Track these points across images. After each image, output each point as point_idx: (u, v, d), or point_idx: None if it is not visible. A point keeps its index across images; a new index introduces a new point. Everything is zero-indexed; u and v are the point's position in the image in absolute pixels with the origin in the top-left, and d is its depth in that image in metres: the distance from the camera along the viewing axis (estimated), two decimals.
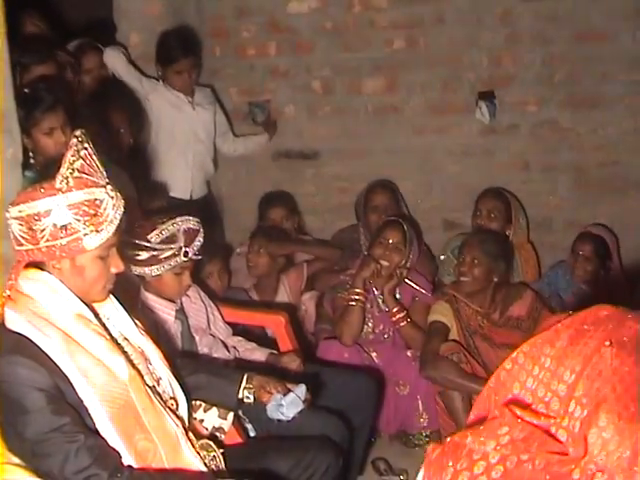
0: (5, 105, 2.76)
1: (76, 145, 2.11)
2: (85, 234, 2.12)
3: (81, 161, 2.11)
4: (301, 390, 2.70)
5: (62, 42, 4.49)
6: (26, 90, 3.31)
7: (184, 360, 2.68)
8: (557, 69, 5.11)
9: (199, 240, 3.17)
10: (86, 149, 2.13)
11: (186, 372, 2.58)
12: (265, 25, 5.45)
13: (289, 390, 2.70)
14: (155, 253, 3.09)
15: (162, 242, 3.09)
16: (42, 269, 2.19)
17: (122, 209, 2.20)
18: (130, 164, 3.89)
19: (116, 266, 2.25)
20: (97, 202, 2.13)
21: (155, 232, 3.08)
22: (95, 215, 2.12)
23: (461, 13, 5.08)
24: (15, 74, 2.89)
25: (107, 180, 2.18)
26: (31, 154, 3.24)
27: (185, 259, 3.13)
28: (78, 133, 2.14)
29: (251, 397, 2.70)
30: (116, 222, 2.17)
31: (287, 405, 2.66)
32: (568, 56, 5.06)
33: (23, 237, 2.12)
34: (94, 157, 2.16)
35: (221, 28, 5.54)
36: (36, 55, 3.75)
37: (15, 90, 2.83)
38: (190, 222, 3.16)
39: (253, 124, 5.49)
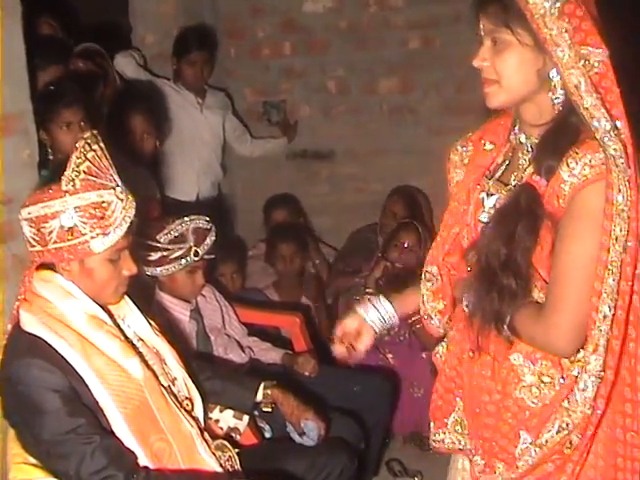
0: (22, 106, 2.77)
1: (83, 147, 2.09)
2: (92, 237, 2.10)
3: (88, 163, 2.09)
4: (314, 431, 2.74)
5: (78, 44, 4.50)
6: (52, 87, 3.33)
7: (200, 364, 2.68)
8: None
9: (210, 239, 3.17)
10: (95, 151, 2.11)
11: (202, 377, 2.58)
12: (280, 25, 5.45)
13: (305, 418, 2.73)
14: (165, 253, 3.10)
15: (171, 242, 3.10)
16: (55, 271, 2.19)
17: (132, 211, 2.17)
18: (156, 166, 3.89)
19: (128, 269, 2.23)
20: (104, 205, 2.10)
21: (164, 232, 3.09)
22: (102, 218, 2.10)
23: None
24: (32, 75, 2.89)
25: (117, 182, 2.16)
26: (49, 151, 3.25)
27: (196, 258, 3.13)
28: (87, 135, 2.13)
29: (270, 408, 2.73)
30: (125, 225, 2.14)
31: (304, 440, 2.75)
32: None
33: (33, 239, 2.13)
34: (103, 159, 2.14)
35: (236, 28, 5.55)
36: (52, 57, 3.76)
37: (32, 91, 2.84)
38: (199, 221, 3.16)
39: (269, 124, 5.49)
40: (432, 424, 2.19)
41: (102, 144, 2.15)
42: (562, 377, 1.88)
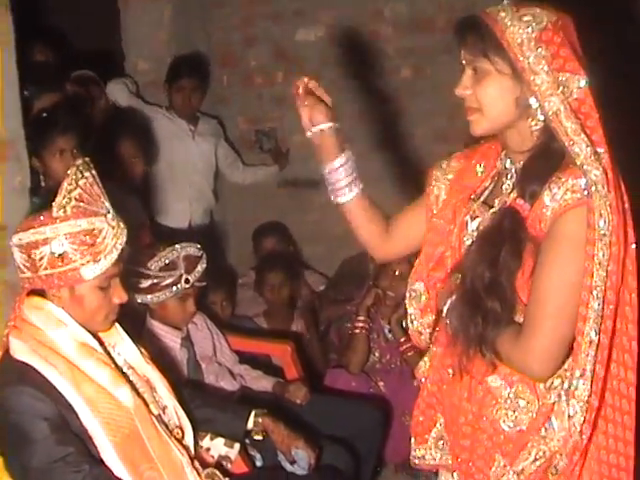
0: (14, 133, 2.78)
1: (75, 174, 2.09)
2: (82, 264, 2.09)
3: (79, 190, 2.09)
4: (305, 460, 2.73)
5: (71, 71, 4.53)
6: (45, 114, 3.34)
7: (191, 392, 2.67)
8: None
9: (201, 267, 3.16)
10: (86, 178, 2.11)
11: (192, 405, 2.57)
12: (272, 53, 5.49)
13: (296, 447, 2.73)
14: (156, 281, 3.09)
15: (162, 269, 3.09)
16: (46, 297, 2.18)
17: (124, 239, 2.16)
18: (144, 191, 3.90)
19: (119, 297, 2.22)
20: (95, 232, 2.10)
21: (155, 259, 3.09)
22: (93, 245, 2.09)
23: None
24: (25, 102, 2.90)
25: (109, 209, 2.16)
26: (41, 178, 3.25)
27: (187, 286, 3.13)
28: (79, 162, 2.13)
29: (261, 436, 2.72)
30: (116, 252, 2.13)
31: (295, 469, 2.74)
32: None
33: (24, 265, 2.12)
34: (95, 186, 2.14)
35: (229, 56, 5.58)
36: (47, 84, 3.77)
37: (24, 118, 2.84)
38: (190, 249, 3.15)
39: (260, 152, 5.51)
40: (413, 440, 2.20)
41: (94, 171, 2.15)
42: (539, 403, 1.89)
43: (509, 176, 1.97)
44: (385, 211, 2.28)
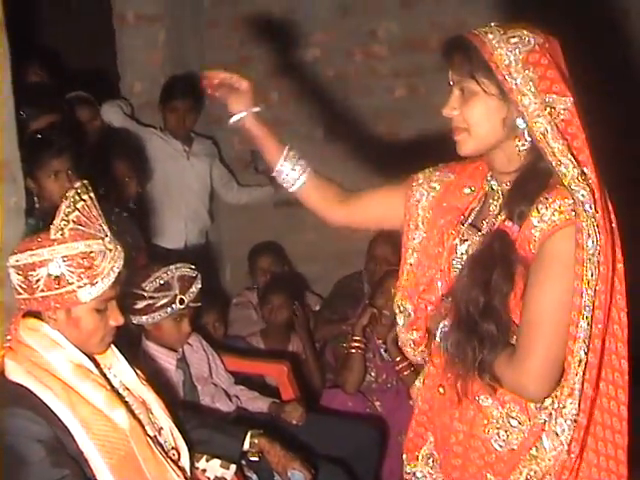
0: (10, 154, 2.77)
1: (73, 197, 2.10)
2: (79, 286, 2.09)
3: (77, 212, 2.10)
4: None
5: (66, 92, 4.53)
6: (39, 135, 3.34)
7: (186, 413, 2.66)
8: None
9: (195, 287, 3.16)
10: (84, 201, 2.12)
11: (188, 426, 2.56)
12: (267, 74, 5.50)
13: (292, 467, 2.72)
14: (151, 302, 3.09)
15: (157, 290, 3.09)
16: (42, 319, 2.17)
17: (121, 262, 2.17)
18: (137, 212, 3.90)
19: (115, 319, 2.22)
20: (92, 255, 2.10)
21: (150, 280, 3.08)
22: (90, 268, 2.09)
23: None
24: (20, 123, 2.90)
25: (107, 232, 2.16)
26: (36, 199, 3.25)
27: (182, 306, 3.12)
28: (77, 185, 2.13)
29: (257, 457, 2.73)
30: (113, 275, 2.14)
31: None
32: None
33: (20, 286, 2.12)
34: (92, 209, 2.14)
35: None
36: (43, 106, 3.78)
37: (20, 139, 2.84)
38: (184, 269, 3.15)
39: (255, 173, 5.51)
40: (404, 456, 2.22)
41: (92, 194, 2.15)
42: (530, 423, 1.90)
43: (496, 197, 1.98)
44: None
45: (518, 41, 1.81)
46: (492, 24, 1.87)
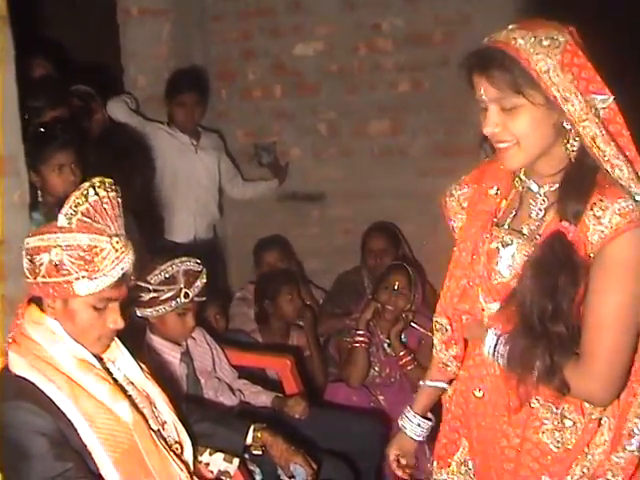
0: (13, 148, 2.78)
1: (87, 189, 2.09)
2: (76, 278, 2.07)
3: (87, 205, 2.09)
4: (303, 475, 2.73)
5: (70, 86, 4.53)
6: (42, 129, 3.34)
7: (190, 406, 2.66)
8: None
9: (200, 281, 3.16)
10: (101, 197, 2.10)
11: (192, 420, 2.56)
12: (271, 67, 5.50)
13: (295, 462, 2.72)
14: (155, 294, 3.09)
15: (162, 283, 3.09)
16: (44, 310, 2.17)
17: (127, 265, 2.13)
18: (140, 208, 3.89)
19: (114, 322, 2.19)
20: (96, 250, 2.08)
21: (155, 273, 3.08)
22: (91, 262, 2.07)
23: (465, 56, 5.10)
24: (24, 117, 2.90)
25: (119, 233, 2.14)
26: (39, 192, 3.25)
27: (186, 300, 3.12)
28: (96, 180, 2.11)
29: (260, 451, 2.73)
30: (114, 275, 2.10)
31: None
32: None
33: (27, 269, 2.13)
34: (109, 207, 2.12)
35: (227, 70, 5.59)
36: (49, 99, 3.77)
37: (24, 133, 2.85)
38: (190, 263, 3.15)
39: (259, 166, 5.52)
40: (435, 463, 2.18)
41: (114, 193, 2.14)
42: (585, 421, 1.88)
43: (536, 199, 1.92)
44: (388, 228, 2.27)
45: (550, 43, 1.73)
46: (510, 26, 1.78)
